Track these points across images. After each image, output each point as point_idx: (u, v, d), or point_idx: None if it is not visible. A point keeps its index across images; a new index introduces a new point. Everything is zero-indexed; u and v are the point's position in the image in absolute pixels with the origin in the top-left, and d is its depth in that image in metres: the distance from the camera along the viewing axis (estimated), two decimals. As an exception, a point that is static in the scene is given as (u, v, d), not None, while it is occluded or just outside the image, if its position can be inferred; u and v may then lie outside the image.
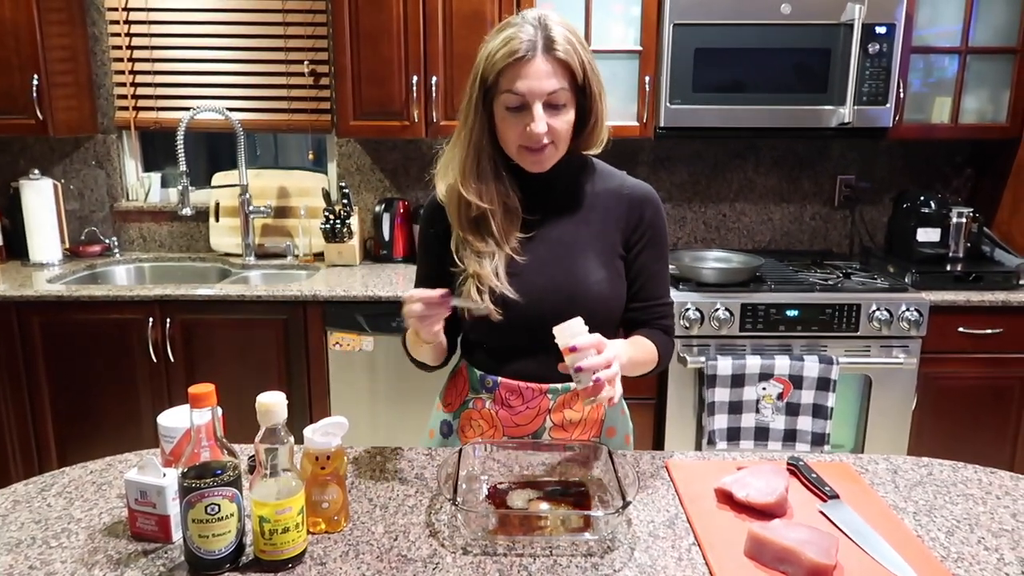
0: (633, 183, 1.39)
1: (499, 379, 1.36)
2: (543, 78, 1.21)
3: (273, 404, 1.00)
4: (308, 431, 1.11)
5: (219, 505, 0.98)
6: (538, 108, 1.22)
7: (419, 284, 1.43)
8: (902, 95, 2.65)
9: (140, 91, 3.06)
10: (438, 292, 1.20)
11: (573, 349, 1.12)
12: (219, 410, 1.01)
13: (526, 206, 1.34)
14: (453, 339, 1.43)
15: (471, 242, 1.32)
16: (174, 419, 1.16)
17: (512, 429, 1.37)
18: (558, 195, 1.36)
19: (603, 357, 1.12)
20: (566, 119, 1.25)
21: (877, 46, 2.55)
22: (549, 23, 1.22)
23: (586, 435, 1.38)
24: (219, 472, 0.99)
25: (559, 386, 1.35)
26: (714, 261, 2.81)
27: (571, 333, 1.13)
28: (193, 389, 0.98)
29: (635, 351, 1.30)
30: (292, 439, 1.03)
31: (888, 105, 2.59)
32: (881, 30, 2.54)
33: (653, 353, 1.36)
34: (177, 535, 1.08)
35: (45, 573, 1.01)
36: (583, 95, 1.27)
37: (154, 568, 1.02)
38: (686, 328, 2.46)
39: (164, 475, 1.07)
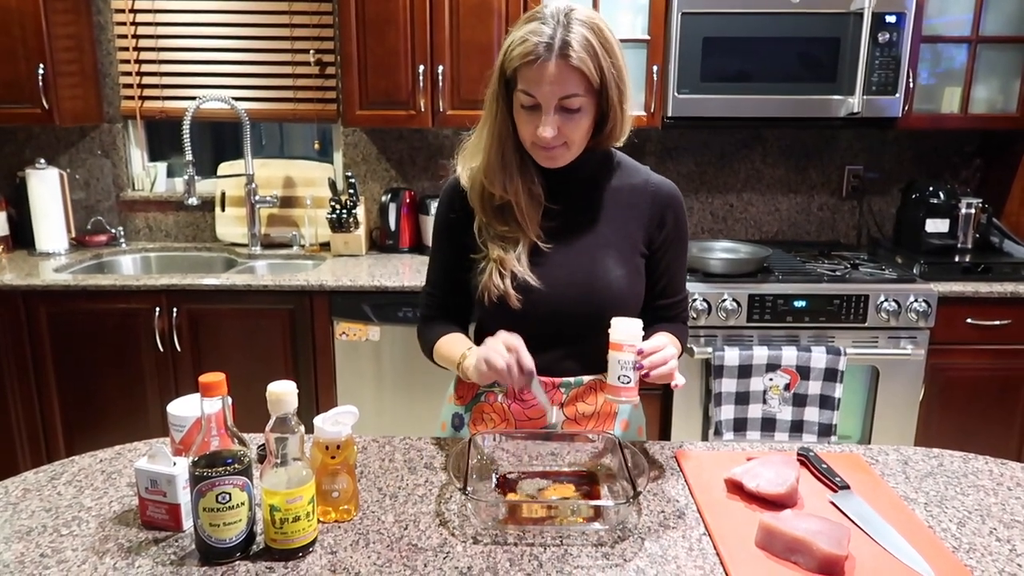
0: (657, 180, 1.37)
1: None
2: (555, 83, 1.17)
3: (284, 393, 1.00)
4: (319, 420, 1.10)
5: (230, 494, 0.99)
6: (549, 111, 1.19)
7: (434, 272, 1.42)
8: (911, 85, 2.62)
9: (146, 80, 3.05)
10: (524, 379, 1.20)
11: (640, 352, 1.18)
12: (229, 399, 1.01)
13: (549, 196, 1.32)
14: (467, 326, 1.42)
15: (495, 225, 1.31)
16: (184, 408, 1.16)
17: (525, 423, 1.36)
18: (580, 188, 1.34)
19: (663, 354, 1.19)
20: (580, 124, 1.22)
21: (887, 35, 2.53)
22: (572, 22, 1.17)
23: (600, 428, 1.37)
24: (230, 461, 0.99)
25: (571, 380, 1.35)
26: (721, 252, 2.79)
27: (633, 334, 1.19)
28: (204, 378, 0.98)
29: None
30: (303, 428, 1.03)
31: (898, 95, 2.57)
32: (891, 19, 2.52)
33: (678, 346, 1.37)
34: (188, 524, 1.08)
35: (56, 561, 1.01)
36: (602, 97, 1.22)
37: (165, 556, 1.02)
38: (693, 319, 2.45)
39: (174, 464, 1.07)
